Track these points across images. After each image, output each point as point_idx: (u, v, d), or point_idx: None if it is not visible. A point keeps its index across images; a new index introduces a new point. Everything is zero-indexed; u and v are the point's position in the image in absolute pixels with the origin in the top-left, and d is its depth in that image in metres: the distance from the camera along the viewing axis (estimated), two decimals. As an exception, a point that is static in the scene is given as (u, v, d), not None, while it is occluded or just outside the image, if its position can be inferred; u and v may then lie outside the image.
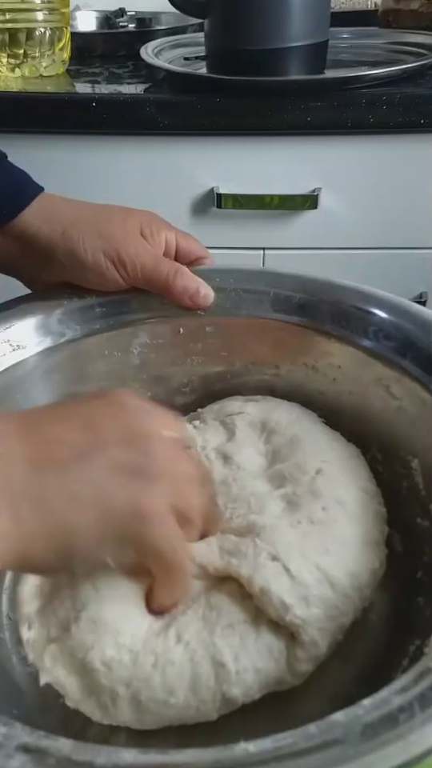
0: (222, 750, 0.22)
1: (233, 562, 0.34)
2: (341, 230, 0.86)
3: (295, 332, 0.45)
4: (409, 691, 0.24)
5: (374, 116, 0.77)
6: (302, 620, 0.32)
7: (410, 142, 0.80)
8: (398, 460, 0.41)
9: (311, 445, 0.41)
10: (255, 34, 0.78)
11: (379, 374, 0.42)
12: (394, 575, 0.37)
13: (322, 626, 0.32)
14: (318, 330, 0.45)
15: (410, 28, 1.03)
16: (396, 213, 0.85)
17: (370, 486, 0.40)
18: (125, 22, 1.22)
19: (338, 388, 0.45)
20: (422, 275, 0.88)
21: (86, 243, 0.44)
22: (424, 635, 0.30)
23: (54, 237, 0.44)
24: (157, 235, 0.46)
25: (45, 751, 0.23)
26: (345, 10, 1.25)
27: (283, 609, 0.32)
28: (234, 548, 0.35)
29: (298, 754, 0.22)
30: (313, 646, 0.32)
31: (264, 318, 0.46)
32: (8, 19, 0.88)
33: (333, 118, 0.78)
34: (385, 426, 0.42)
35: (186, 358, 0.48)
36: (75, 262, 0.44)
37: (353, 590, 0.34)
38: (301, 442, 0.41)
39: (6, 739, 0.23)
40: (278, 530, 0.35)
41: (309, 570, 0.33)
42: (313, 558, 0.34)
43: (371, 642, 0.36)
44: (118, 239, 0.44)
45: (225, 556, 0.34)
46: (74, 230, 0.44)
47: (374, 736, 0.22)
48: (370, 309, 0.43)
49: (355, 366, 0.43)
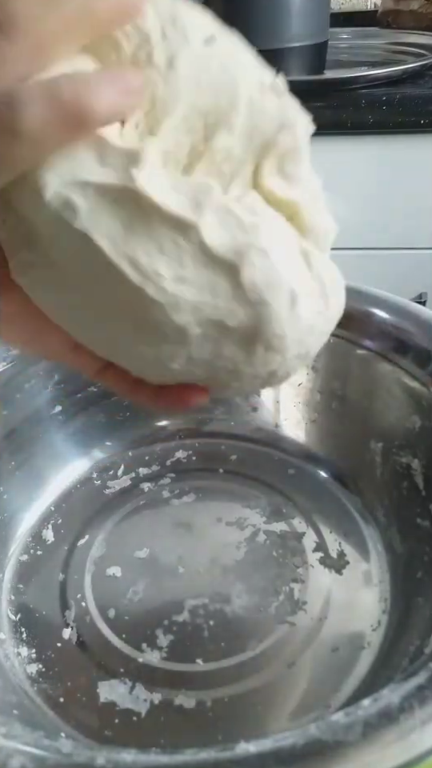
0: (222, 750, 0.22)
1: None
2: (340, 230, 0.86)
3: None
4: (409, 691, 0.24)
5: (374, 116, 0.77)
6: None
7: (410, 142, 0.80)
8: (398, 460, 0.41)
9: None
10: (255, 35, 0.78)
11: (379, 374, 0.42)
12: (394, 575, 0.37)
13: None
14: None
15: (409, 28, 1.03)
16: (396, 213, 0.85)
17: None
18: (125, 23, 1.21)
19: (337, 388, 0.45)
20: (421, 275, 0.88)
21: None
22: (424, 635, 0.30)
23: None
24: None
25: (45, 751, 0.23)
26: (344, 10, 1.25)
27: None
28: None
29: (298, 753, 0.22)
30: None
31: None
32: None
33: (333, 118, 0.78)
34: (385, 426, 0.42)
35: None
36: None
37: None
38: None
39: (6, 739, 0.23)
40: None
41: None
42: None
43: (371, 642, 0.36)
44: None
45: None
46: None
47: (373, 736, 0.22)
48: (370, 309, 0.43)
49: (355, 366, 0.43)
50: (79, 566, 0.41)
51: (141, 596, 0.39)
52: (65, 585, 0.40)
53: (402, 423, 0.41)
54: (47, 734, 0.23)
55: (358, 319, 0.43)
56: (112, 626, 0.38)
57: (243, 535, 0.42)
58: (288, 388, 0.49)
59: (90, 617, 0.38)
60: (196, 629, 0.37)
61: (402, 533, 0.39)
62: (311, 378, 0.47)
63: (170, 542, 0.42)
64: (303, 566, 0.40)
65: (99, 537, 0.43)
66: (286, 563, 0.41)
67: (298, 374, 0.35)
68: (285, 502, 0.45)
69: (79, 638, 0.37)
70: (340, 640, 0.36)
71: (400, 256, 0.88)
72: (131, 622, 0.38)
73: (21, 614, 0.39)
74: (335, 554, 0.41)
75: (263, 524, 0.43)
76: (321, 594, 0.39)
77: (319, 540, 0.42)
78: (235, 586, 0.39)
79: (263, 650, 0.36)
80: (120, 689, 0.35)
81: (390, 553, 0.40)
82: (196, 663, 0.36)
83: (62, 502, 0.46)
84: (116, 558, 0.41)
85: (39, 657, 0.36)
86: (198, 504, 0.45)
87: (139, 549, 0.42)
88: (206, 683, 0.35)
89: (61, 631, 0.38)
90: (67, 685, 0.35)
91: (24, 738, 0.23)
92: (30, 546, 0.43)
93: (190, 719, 0.33)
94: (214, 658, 0.36)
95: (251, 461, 0.48)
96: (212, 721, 0.33)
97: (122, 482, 0.47)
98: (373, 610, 0.38)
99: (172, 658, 0.36)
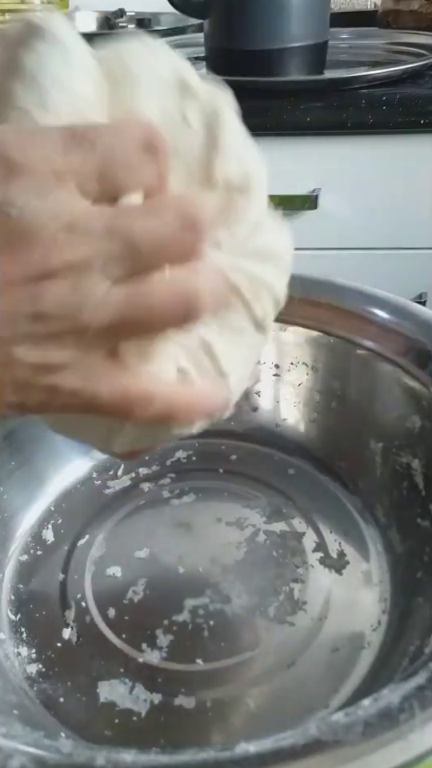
0: (222, 750, 0.22)
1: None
2: (340, 231, 0.86)
3: (296, 333, 0.45)
4: (409, 691, 0.24)
5: (374, 116, 0.77)
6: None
7: (410, 142, 0.80)
8: (398, 460, 0.41)
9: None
10: (255, 35, 0.78)
11: (379, 374, 0.42)
12: (394, 575, 0.37)
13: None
14: (318, 330, 0.45)
15: (409, 28, 1.03)
16: (396, 213, 0.85)
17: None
18: (124, 23, 1.22)
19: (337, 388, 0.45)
20: (422, 275, 0.88)
21: None
22: (424, 635, 0.30)
23: None
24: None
25: (45, 751, 0.23)
26: (344, 10, 1.25)
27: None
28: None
29: (298, 753, 0.22)
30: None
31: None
32: (8, 20, 0.88)
33: (332, 118, 0.78)
34: (385, 426, 0.42)
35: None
36: None
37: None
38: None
39: (6, 739, 0.23)
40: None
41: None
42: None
43: (371, 642, 0.36)
44: None
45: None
46: None
47: (373, 736, 0.22)
48: (370, 309, 0.43)
49: (355, 366, 0.43)
50: (79, 566, 0.41)
51: (141, 596, 0.39)
52: (65, 585, 0.40)
53: (402, 423, 0.41)
54: (47, 734, 0.23)
55: (358, 319, 0.43)
56: (112, 626, 0.38)
57: (243, 535, 0.42)
58: (288, 388, 0.49)
59: (90, 617, 0.38)
60: (196, 629, 0.37)
61: (402, 533, 0.39)
62: (311, 377, 0.47)
63: (170, 542, 0.42)
64: (303, 565, 0.40)
65: (99, 537, 0.43)
66: (286, 563, 0.41)
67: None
68: (285, 502, 0.45)
69: (79, 638, 0.37)
70: (340, 640, 0.36)
71: (400, 256, 0.88)
72: (131, 622, 0.38)
73: (21, 614, 0.39)
74: (335, 554, 0.41)
75: (263, 524, 0.43)
76: (321, 594, 0.39)
77: (319, 540, 0.42)
78: (235, 586, 0.39)
79: (263, 649, 0.36)
80: (120, 689, 0.35)
81: (390, 553, 0.40)
82: (196, 663, 0.36)
83: (62, 502, 0.46)
84: (116, 557, 0.41)
85: (39, 657, 0.36)
86: (198, 504, 0.45)
87: (139, 549, 0.42)
88: (206, 683, 0.35)
89: (61, 631, 0.38)
90: (67, 685, 0.35)
91: (24, 738, 0.23)
92: (29, 546, 0.43)
93: (190, 719, 0.33)
94: (214, 658, 0.36)
95: (251, 461, 0.48)
96: (212, 721, 0.33)
97: (122, 482, 0.47)
98: (373, 610, 0.38)
99: (172, 658, 0.36)
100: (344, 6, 1.26)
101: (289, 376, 0.48)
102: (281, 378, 0.48)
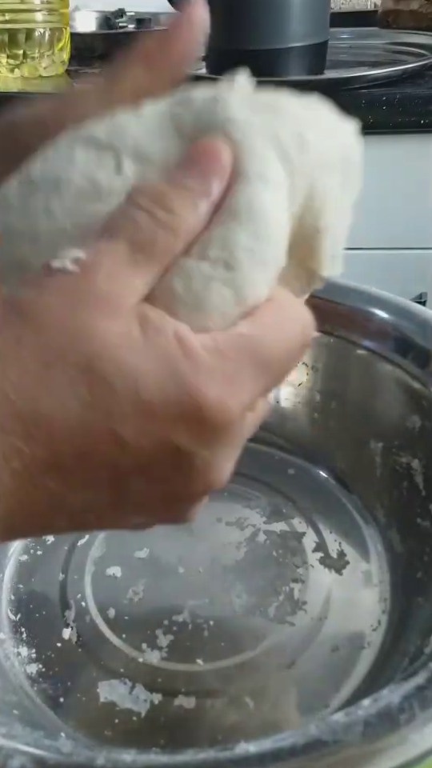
0: (222, 750, 0.22)
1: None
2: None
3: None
4: (409, 691, 0.24)
5: (374, 116, 0.77)
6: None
7: (410, 142, 0.80)
8: (397, 460, 0.41)
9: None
10: (255, 34, 0.78)
11: (379, 374, 0.42)
12: (394, 575, 0.37)
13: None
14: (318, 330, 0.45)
15: (409, 28, 1.03)
16: (396, 213, 0.85)
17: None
18: (124, 23, 1.22)
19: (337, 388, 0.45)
20: (422, 275, 0.88)
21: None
22: (424, 635, 0.30)
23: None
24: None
25: (45, 751, 0.23)
26: (345, 10, 1.25)
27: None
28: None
29: (298, 753, 0.22)
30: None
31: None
32: (7, 20, 0.88)
33: (332, 118, 0.78)
34: (385, 426, 0.42)
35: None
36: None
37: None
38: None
39: (6, 739, 0.23)
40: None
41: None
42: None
43: (371, 642, 0.36)
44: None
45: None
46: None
47: (373, 736, 0.22)
48: (370, 309, 0.43)
49: (355, 366, 0.43)
50: (79, 566, 0.41)
51: (141, 596, 0.39)
52: (65, 585, 0.40)
53: (402, 423, 0.41)
54: (47, 734, 0.23)
55: (358, 319, 0.43)
56: (112, 626, 0.38)
57: (243, 535, 0.42)
58: (288, 388, 0.49)
59: (90, 617, 0.38)
60: (196, 629, 0.37)
61: (402, 533, 0.39)
62: (311, 377, 0.47)
63: (169, 542, 0.42)
64: (303, 565, 0.40)
65: (99, 537, 0.43)
66: (286, 563, 0.41)
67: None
68: (285, 502, 0.45)
69: (79, 638, 0.37)
70: (340, 640, 0.36)
71: (400, 256, 0.88)
72: (131, 622, 0.38)
73: (21, 614, 0.39)
74: (335, 554, 0.41)
75: (263, 524, 0.43)
76: (321, 594, 0.39)
77: (319, 540, 0.42)
78: (235, 586, 0.39)
79: (263, 649, 0.36)
80: (120, 689, 0.35)
81: (390, 553, 0.40)
82: (196, 663, 0.36)
83: (62, 502, 0.46)
84: (116, 557, 0.41)
85: (39, 657, 0.36)
86: (198, 504, 0.45)
87: (139, 549, 0.42)
88: (206, 683, 0.35)
89: (61, 631, 0.38)
90: (67, 685, 0.35)
91: (24, 738, 0.23)
92: (29, 545, 0.43)
93: (190, 719, 0.33)
94: (214, 658, 0.36)
95: (251, 461, 0.48)
96: (212, 721, 0.33)
97: (122, 482, 0.47)
98: (373, 610, 0.38)
99: (172, 658, 0.36)
100: (344, 6, 1.26)
101: (289, 376, 0.48)
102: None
